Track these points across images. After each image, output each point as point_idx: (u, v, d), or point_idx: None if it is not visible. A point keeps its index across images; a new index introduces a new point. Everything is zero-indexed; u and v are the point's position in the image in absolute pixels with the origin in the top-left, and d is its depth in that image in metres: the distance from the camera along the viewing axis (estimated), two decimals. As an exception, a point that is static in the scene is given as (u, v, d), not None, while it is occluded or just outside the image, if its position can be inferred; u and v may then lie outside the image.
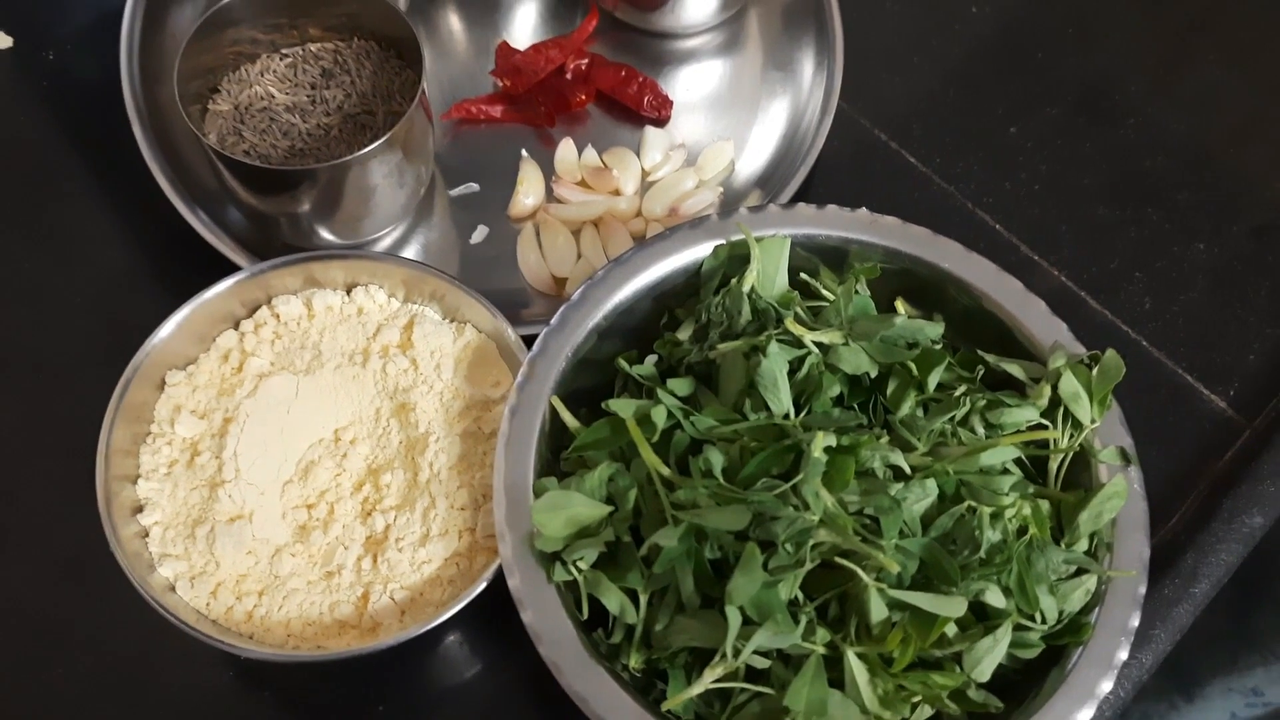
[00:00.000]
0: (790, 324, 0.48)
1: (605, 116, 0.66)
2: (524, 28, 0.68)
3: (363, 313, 0.55)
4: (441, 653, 0.54)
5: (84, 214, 0.63)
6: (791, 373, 0.47)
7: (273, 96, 0.60)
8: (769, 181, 0.63)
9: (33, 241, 0.63)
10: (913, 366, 0.48)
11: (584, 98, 0.65)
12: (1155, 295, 0.62)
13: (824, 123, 0.61)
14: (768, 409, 0.47)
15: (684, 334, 0.51)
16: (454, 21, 0.68)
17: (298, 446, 0.52)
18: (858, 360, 0.48)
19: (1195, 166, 0.65)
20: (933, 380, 0.48)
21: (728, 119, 0.66)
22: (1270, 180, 0.64)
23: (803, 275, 0.52)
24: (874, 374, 0.48)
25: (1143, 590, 0.46)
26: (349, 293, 0.55)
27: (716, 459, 0.45)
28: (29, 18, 0.68)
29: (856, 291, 0.51)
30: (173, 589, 0.49)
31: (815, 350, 0.48)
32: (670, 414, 0.47)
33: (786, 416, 0.46)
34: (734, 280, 0.50)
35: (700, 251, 0.51)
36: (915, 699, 0.44)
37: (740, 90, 0.66)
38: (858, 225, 0.52)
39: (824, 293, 0.52)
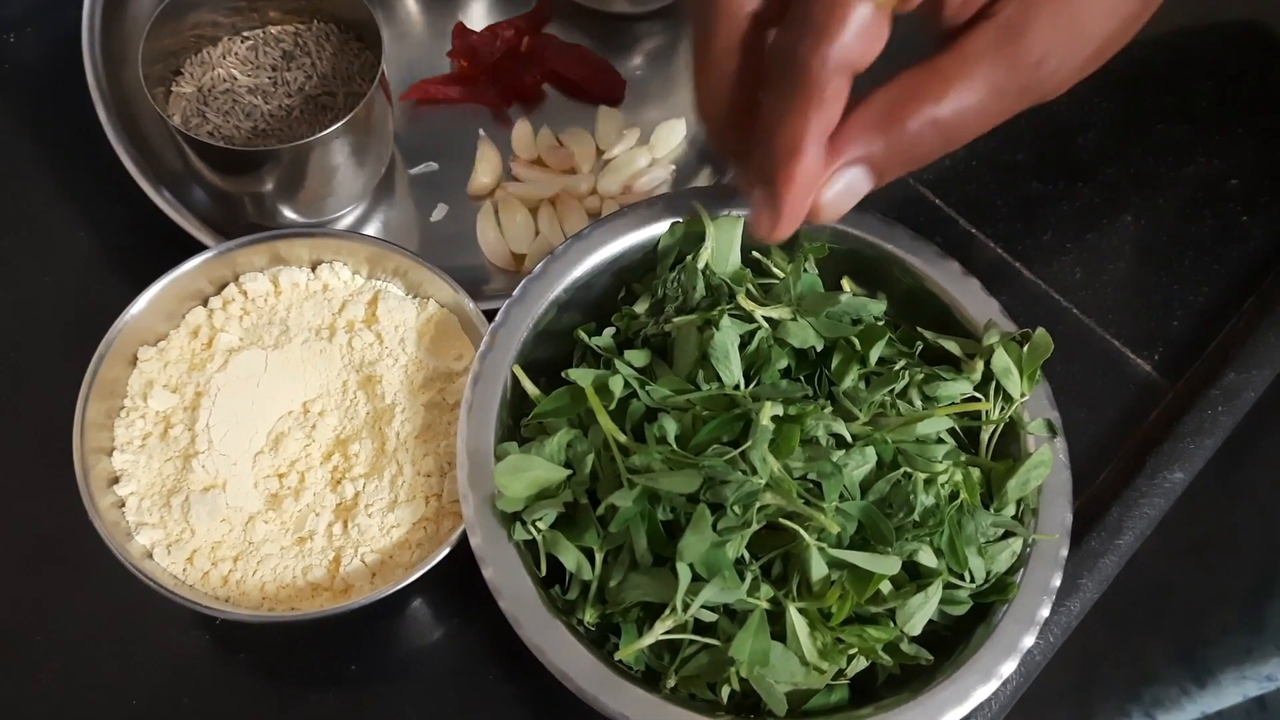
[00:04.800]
0: (742, 299, 0.50)
1: (560, 97, 0.67)
2: (480, 9, 0.69)
3: (328, 289, 0.57)
4: (410, 613, 0.56)
5: (50, 197, 0.64)
6: (742, 346, 0.49)
7: (235, 79, 0.62)
8: (719, 159, 0.65)
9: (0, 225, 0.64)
10: (856, 342, 0.50)
11: (539, 78, 0.66)
12: (1085, 266, 0.64)
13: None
14: (719, 380, 0.49)
15: (641, 308, 0.53)
16: (411, 4, 0.69)
17: (268, 418, 0.54)
18: (805, 335, 0.50)
19: (1123, 143, 0.67)
20: (874, 354, 0.50)
21: (680, 98, 0.67)
22: (1194, 156, 0.67)
23: (755, 253, 0.54)
24: (820, 348, 0.51)
25: (1064, 553, 0.49)
26: (314, 270, 0.57)
27: (670, 426, 0.47)
28: (-11, 1, 0.68)
29: (805, 270, 0.53)
30: (150, 556, 0.51)
31: (765, 325, 0.50)
32: (627, 383, 0.49)
33: (737, 387, 0.49)
34: (689, 257, 0.52)
35: (657, 228, 0.53)
36: (852, 651, 0.46)
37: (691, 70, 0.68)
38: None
39: (775, 270, 0.53)
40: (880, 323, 0.52)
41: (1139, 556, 0.58)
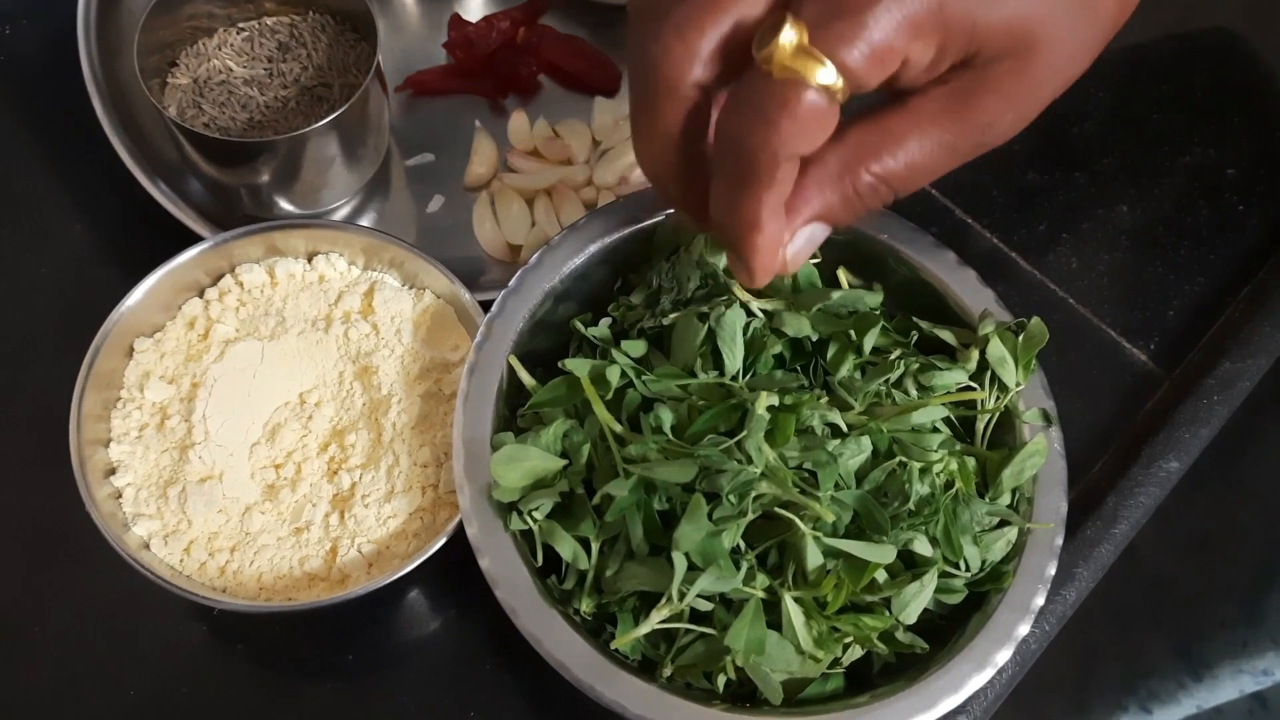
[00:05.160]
0: (737, 290, 0.50)
1: (557, 87, 0.67)
2: (476, 0, 0.69)
3: (324, 280, 0.57)
4: (407, 603, 0.56)
5: (46, 189, 0.64)
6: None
7: (230, 70, 0.62)
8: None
9: (-4, 216, 0.64)
10: (852, 332, 0.50)
11: (535, 69, 0.66)
12: (1081, 256, 0.64)
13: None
14: (719, 369, 0.49)
15: (637, 299, 0.53)
16: (407, -6, 0.70)
17: (264, 409, 0.54)
18: (799, 324, 0.50)
19: (1120, 133, 0.67)
20: (869, 343, 0.50)
21: (675, 88, 0.67)
22: (1190, 146, 0.67)
23: None
24: (815, 338, 0.51)
25: (1059, 542, 0.49)
26: (310, 261, 0.57)
27: (666, 416, 0.47)
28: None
29: None
30: (147, 547, 0.51)
31: (760, 316, 0.50)
32: (623, 373, 0.49)
33: (735, 377, 0.49)
34: (682, 248, 0.52)
35: (653, 219, 0.53)
36: (847, 640, 0.46)
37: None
38: None
39: None
40: (876, 313, 0.52)
41: (1137, 550, 0.58)
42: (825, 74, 0.38)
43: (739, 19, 0.40)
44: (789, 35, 0.38)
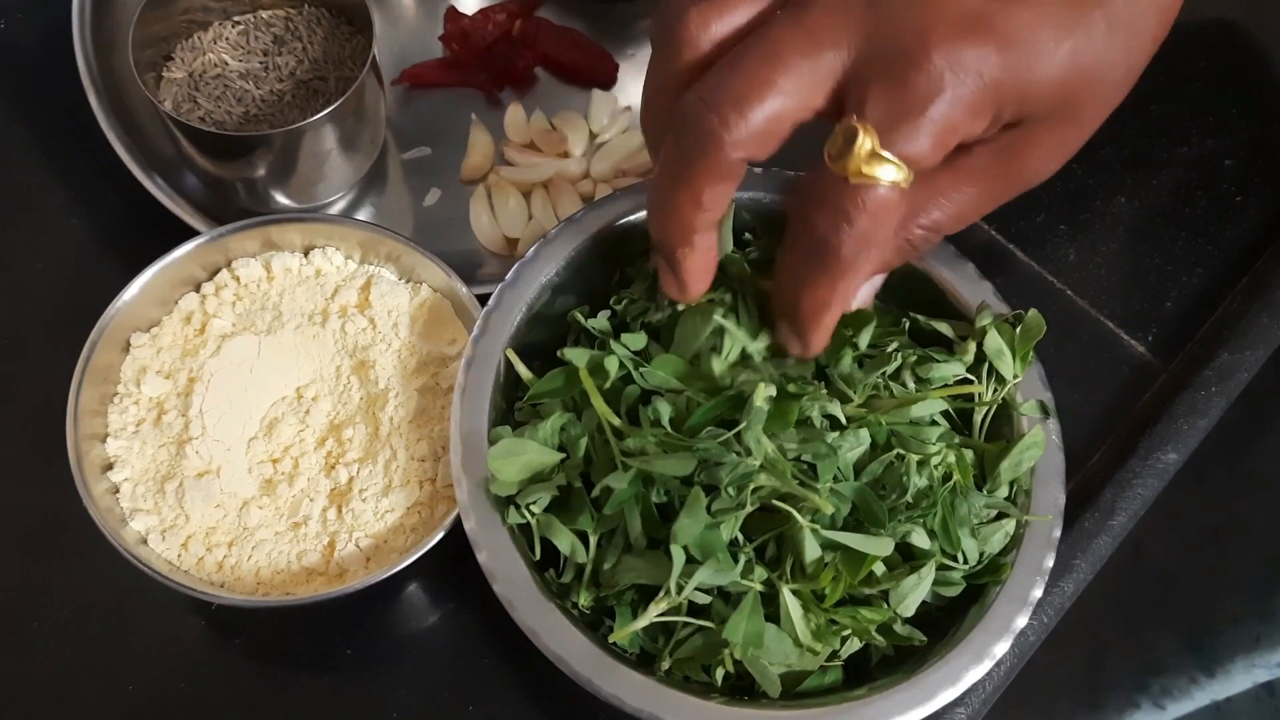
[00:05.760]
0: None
1: (553, 80, 0.67)
2: (472, -8, 0.69)
3: (321, 274, 0.57)
4: (405, 597, 0.56)
5: (41, 183, 0.64)
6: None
7: (226, 64, 0.61)
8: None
9: (-9, 210, 0.64)
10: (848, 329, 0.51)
11: (531, 62, 0.66)
12: (1079, 247, 0.64)
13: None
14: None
15: (637, 291, 0.53)
16: (403, -13, 0.69)
17: (261, 404, 0.54)
18: None
19: (1117, 124, 0.67)
20: (864, 339, 0.50)
21: (672, 81, 0.67)
22: (1188, 136, 0.67)
23: (747, 235, 0.54)
24: None
25: (1057, 534, 0.49)
26: (307, 255, 0.57)
27: (665, 409, 0.47)
28: (-23, -12, 0.68)
29: None
30: (145, 542, 0.51)
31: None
32: (621, 365, 0.49)
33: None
34: None
35: None
36: (845, 632, 0.46)
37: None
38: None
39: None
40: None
41: (1144, 545, 0.59)
42: (894, 171, 0.40)
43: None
44: (865, 143, 0.40)
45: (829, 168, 0.41)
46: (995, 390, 0.51)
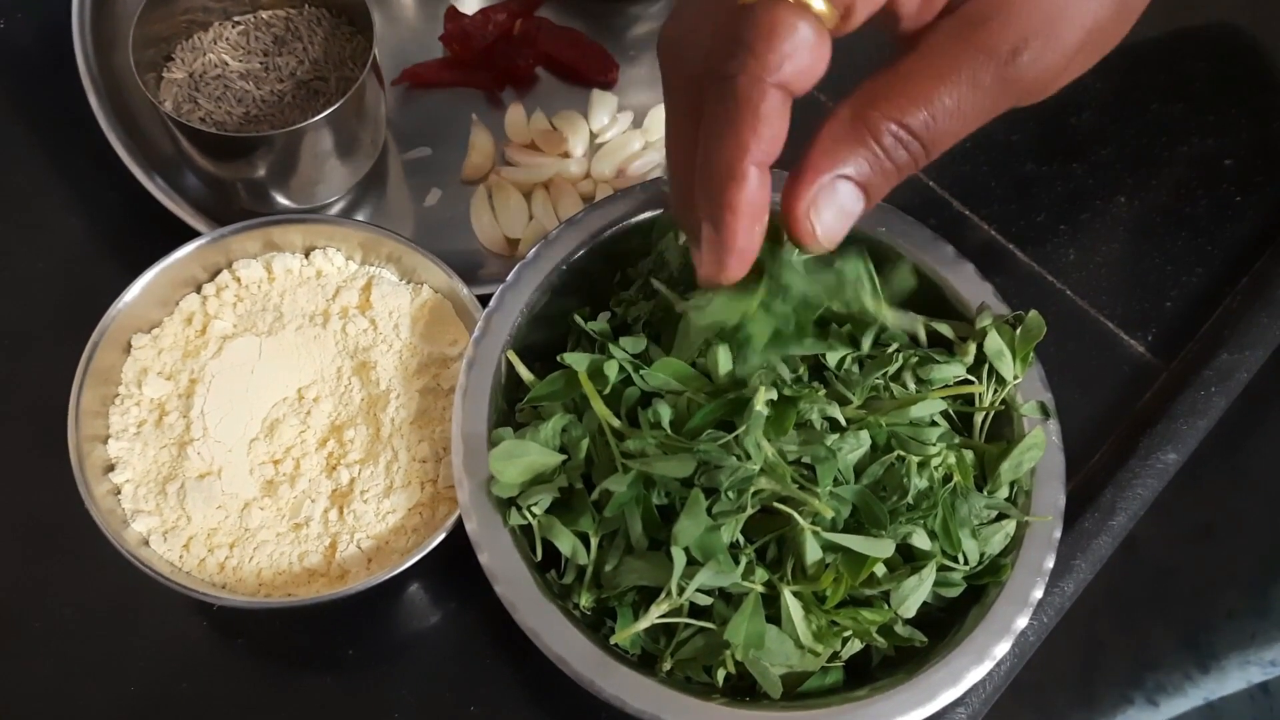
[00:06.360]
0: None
1: (553, 80, 0.67)
2: (472, -8, 0.69)
3: (322, 275, 0.57)
4: (407, 598, 0.56)
5: (42, 183, 0.64)
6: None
7: (226, 64, 0.61)
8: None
9: (-8, 211, 0.64)
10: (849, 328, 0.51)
11: (532, 62, 0.66)
12: (1079, 247, 0.64)
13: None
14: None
15: (634, 291, 0.53)
16: (403, -13, 0.69)
17: (262, 405, 0.54)
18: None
19: (1118, 123, 0.67)
20: (867, 340, 0.50)
21: (673, 81, 0.67)
22: (1188, 136, 0.67)
23: None
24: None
25: (1057, 534, 0.49)
26: (308, 256, 0.57)
27: (665, 411, 0.47)
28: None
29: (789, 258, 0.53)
30: (146, 543, 0.51)
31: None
32: (621, 368, 0.49)
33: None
34: (669, 234, 0.52)
35: (651, 212, 0.53)
36: (846, 634, 0.47)
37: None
38: None
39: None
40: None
41: (1139, 542, 0.59)
42: None
43: None
44: None
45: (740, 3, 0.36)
46: (995, 391, 0.51)
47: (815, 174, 0.39)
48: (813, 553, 0.45)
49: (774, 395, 0.46)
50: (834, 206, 0.40)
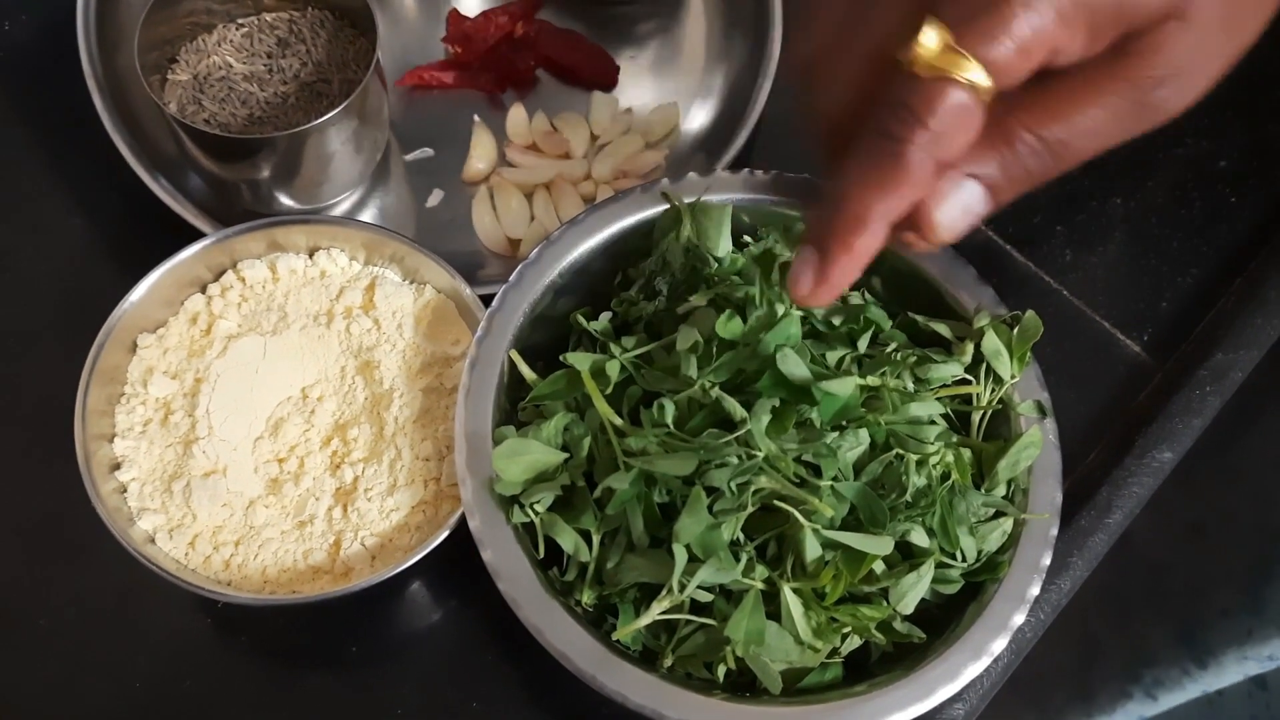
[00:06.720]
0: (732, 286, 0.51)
1: (554, 82, 0.67)
2: (474, -5, 0.69)
3: (325, 275, 0.57)
4: (410, 595, 0.57)
5: (47, 185, 0.64)
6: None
7: (230, 66, 0.62)
8: (713, 144, 0.65)
9: (-3, 212, 0.64)
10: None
11: (533, 64, 0.67)
12: (1075, 247, 0.65)
13: (763, 86, 0.63)
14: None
15: (635, 292, 0.53)
16: (405, -10, 0.70)
17: (267, 404, 0.54)
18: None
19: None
20: (863, 343, 0.51)
21: (673, 83, 0.68)
22: (1183, 137, 0.67)
23: (746, 238, 0.54)
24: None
25: (1054, 532, 0.50)
26: (311, 256, 0.58)
27: (669, 408, 0.47)
28: (-18, -10, 0.68)
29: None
30: (152, 541, 0.52)
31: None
32: (623, 367, 0.49)
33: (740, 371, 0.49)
34: (671, 234, 0.52)
35: (652, 213, 0.53)
36: (845, 630, 0.47)
37: (685, 54, 0.68)
38: (802, 192, 0.54)
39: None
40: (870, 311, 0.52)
41: (1135, 539, 0.59)
42: (971, 72, 0.38)
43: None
44: (930, 36, 0.38)
45: (902, 66, 0.39)
46: (993, 390, 0.52)
47: (951, 171, 0.41)
48: (812, 550, 0.46)
49: (777, 402, 0.47)
50: (959, 202, 0.42)
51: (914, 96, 0.39)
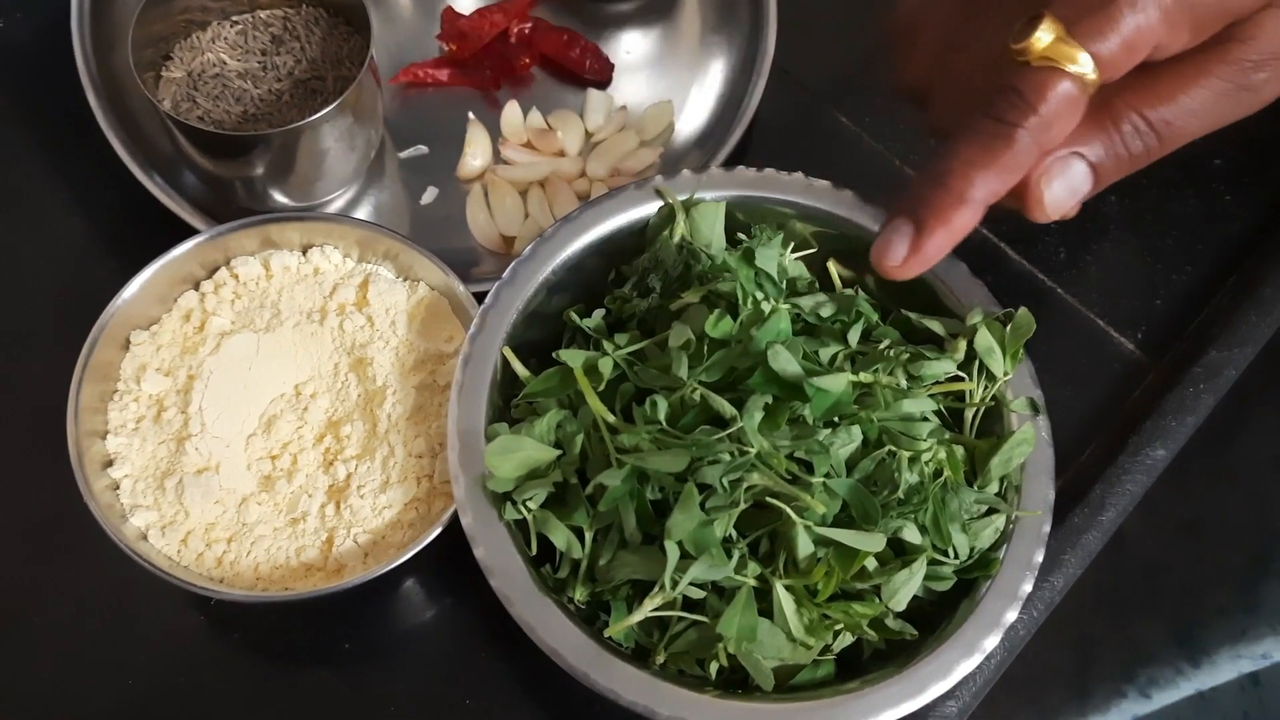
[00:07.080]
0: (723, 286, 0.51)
1: (549, 79, 0.67)
2: (469, -8, 0.69)
3: (319, 272, 0.57)
4: (403, 592, 0.57)
5: (41, 181, 0.64)
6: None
7: (225, 63, 0.62)
8: (708, 141, 0.65)
9: (-9, 209, 0.64)
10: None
11: (528, 61, 0.67)
12: (1070, 245, 0.65)
13: (757, 84, 0.63)
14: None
15: (628, 289, 0.53)
16: (400, -13, 0.70)
17: (260, 401, 0.54)
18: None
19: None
20: (854, 335, 0.51)
21: (668, 80, 0.68)
22: (1178, 136, 0.68)
23: (740, 235, 0.54)
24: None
25: (1047, 529, 0.50)
26: (305, 253, 0.58)
27: (662, 405, 0.47)
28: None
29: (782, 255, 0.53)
30: (145, 538, 0.52)
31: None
32: (616, 364, 0.49)
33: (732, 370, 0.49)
34: (664, 232, 0.53)
35: (646, 210, 0.54)
36: (837, 627, 0.47)
37: (680, 52, 0.68)
38: (795, 189, 0.54)
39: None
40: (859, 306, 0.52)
41: (1128, 538, 0.59)
42: (1080, 65, 0.40)
43: None
44: (1046, 30, 0.41)
45: (1012, 55, 0.41)
46: (986, 387, 0.52)
47: (1007, 178, 0.44)
48: (804, 547, 0.46)
49: (770, 399, 0.47)
50: (1065, 181, 0.45)
51: (1026, 84, 0.41)
